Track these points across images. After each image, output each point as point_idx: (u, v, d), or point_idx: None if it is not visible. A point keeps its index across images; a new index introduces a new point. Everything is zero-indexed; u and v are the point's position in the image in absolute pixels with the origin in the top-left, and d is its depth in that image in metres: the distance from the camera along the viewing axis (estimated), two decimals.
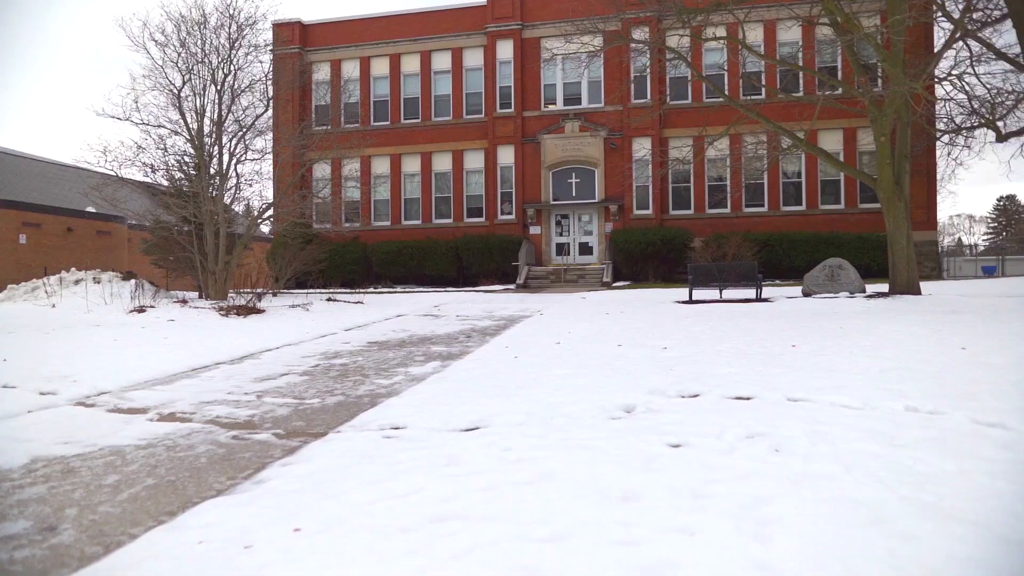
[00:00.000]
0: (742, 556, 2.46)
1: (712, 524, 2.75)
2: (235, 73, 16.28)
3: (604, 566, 2.44)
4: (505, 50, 29.29)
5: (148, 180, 17.47)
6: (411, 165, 30.40)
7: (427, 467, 3.72)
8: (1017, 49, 17.72)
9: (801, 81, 27.18)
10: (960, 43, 17.70)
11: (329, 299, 16.47)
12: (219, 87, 16.51)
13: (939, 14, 17.13)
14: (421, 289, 26.35)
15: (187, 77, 16.92)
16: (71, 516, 3.35)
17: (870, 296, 12.97)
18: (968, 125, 20.64)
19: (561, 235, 29.23)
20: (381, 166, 30.48)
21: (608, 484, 3.27)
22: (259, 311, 13.24)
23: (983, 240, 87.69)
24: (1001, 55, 17.07)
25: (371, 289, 26.43)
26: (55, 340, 9.78)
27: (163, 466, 4.13)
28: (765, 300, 13.38)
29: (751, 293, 14.53)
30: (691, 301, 13.79)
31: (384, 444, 4.31)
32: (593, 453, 3.79)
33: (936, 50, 16.35)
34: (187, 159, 18.05)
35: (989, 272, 44.51)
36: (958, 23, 13.07)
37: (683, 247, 25.97)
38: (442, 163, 30.12)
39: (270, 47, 25.79)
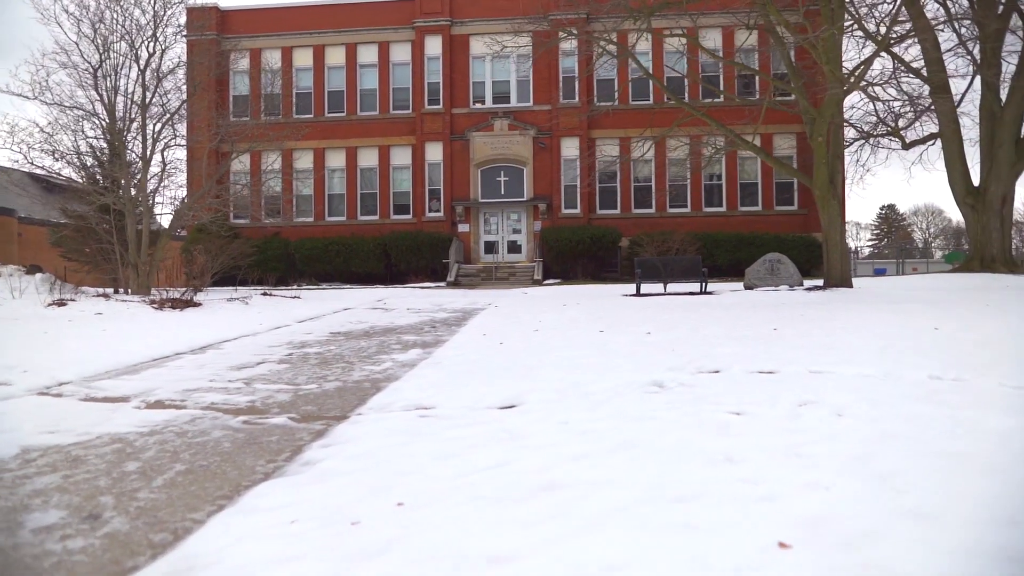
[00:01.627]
0: (893, 506, 2.42)
1: (836, 480, 2.71)
2: (162, 53, 15.24)
3: (761, 518, 2.35)
4: (434, 46, 28.95)
5: (53, 169, 16.09)
6: (336, 160, 29.53)
7: (493, 441, 3.52)
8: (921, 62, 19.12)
9: (721, 84, 28.25)
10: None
11: (265, 294, 15.70)
12: (142, 67, 15.42)
13: (857, 30, 18.23)
14: (348, 286, 25.58)
15: (104, 55, 15.72)
16: (109, 504, 2.94)
17: (809, 289, 13.62)
18: (876, 133, 22.08)
19: (490, 233, 29.16)
20: (304, 160, 29.43)
21: (701, 448, 3.18)
22: (196, 304, 12.43)
23: (867, 245, 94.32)
24: (911, 69, 18.36)
25: (295, 286, 25.42)
26: None
27: (184, 452, 3.72)
28: (709, 293, 13.78)
29: (694, 287, 14.94)
30: (639, 294, 14.02)
31: (424, 423, 4.06)
32: (659, 423, 3.70)
33: (858, 61, 17.30)
34: (102, 143, 16.81)
35: (880, 273, 47.91)
36: (881, 42, 13.95)
37: (612, 245, 26.48)
38: (368, 159, 29.43)
39: (183, 32, 24.47)
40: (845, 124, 19.28)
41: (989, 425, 3.40)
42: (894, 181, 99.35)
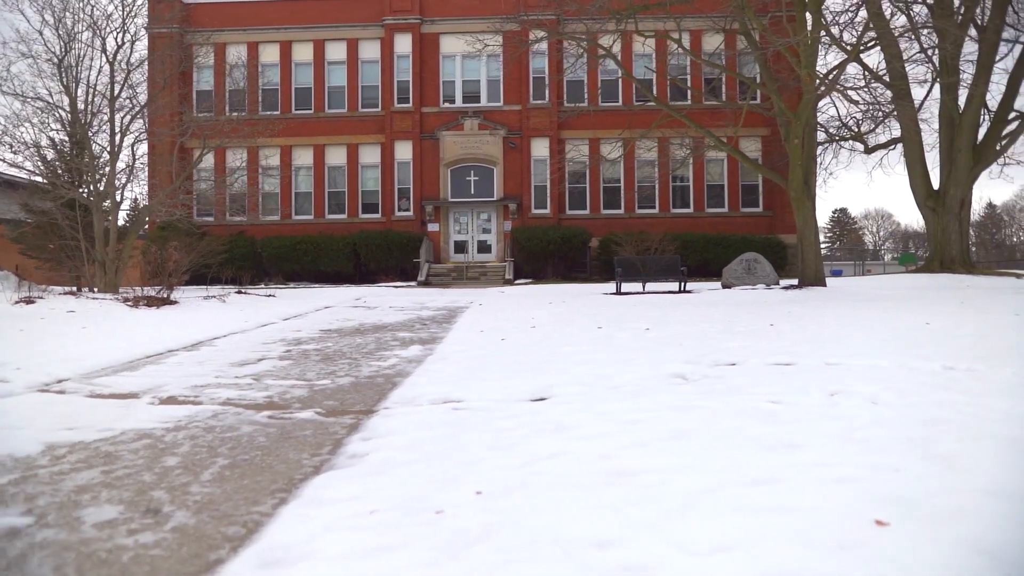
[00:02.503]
0: (968, 486, 2.49)
1: (901, 461, 2.77)
2: (131, 44, 14.80)
3: (846, 498, 2.39)
4: (403, 44, 28.73)
5: (15, 162, 15.48)
6: (303, 158, 29.07)
7: (542, 432, 3.51)
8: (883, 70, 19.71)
9: (689, 88, 28.66)
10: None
11: (239, 292, 15.35)
12: (111, 58, 14.94)
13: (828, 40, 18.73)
14: (318, 286, 25.18)
15: (69, 45, 15.19)
16: (163, 499, 2.84)
17: (786, 288, 13.93)
18: (839, 137, 22.71)
19: (460, 233, 29.06)
20: (270, 157, 28.84)
21: (755, 435, 3.23)
22: (172, 302, 12.09)
23: (822, 247, 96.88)
24: (876, 76, 18.92)
25: (263, 285, 24.92)
26: None
27: (220, 446, 3.61)
28: (688, 292, 13.98)
29: (672, 286, 15.14)
30: (620, 292, 14.15)
31: (461, 416, 4.03)
32: (702, 412, 3.74)
33: (824, 67, 17.74)
34: (63, 136, 16.25)
35: (837, 274, 49.30)
36: (852, 52, 14.38)
37: (582, 246, 26.66)
38: (336, 157, 29.05)
39: (145, 25, 23.83)
40: (819, 127, 19.78)
41: (1019, 411, 3.52)
42: (845, 185, 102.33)
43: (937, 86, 19.67)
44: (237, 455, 3.45)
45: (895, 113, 19.88)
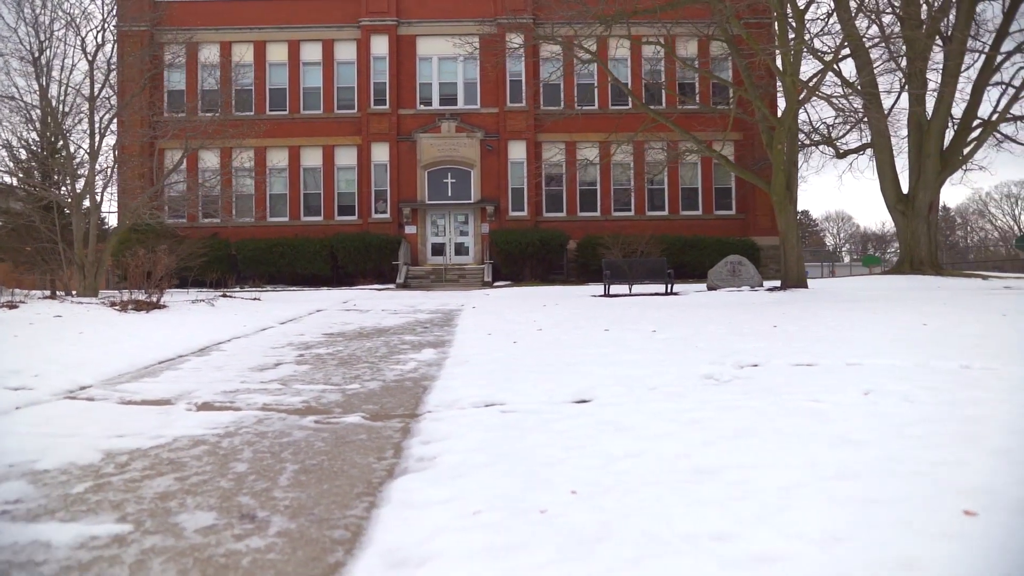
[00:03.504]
0: None
1: (965, 455, 2.93)
2: (115, 42, 14.50)
3: (929, 490, 2.53)
4: (380, 45, 28.61)
5: None
6: (278, 159, 28.73)
7: (605, 432, 3.60)
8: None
9: (663, 93, 29.06)
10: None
11: (224, 295, 15.14)
12: (91, 56, 14.62)
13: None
14: (295, 288, 24.91)
15: (47, 43, 14.84)
16: (253, 505, 2.86)
17: (771, 289, 14.26)
18: (812, 142, 23.30)
19: (437, 235, 29.04)
20: (244, 159, 28.42)
21: (816, 433, 3.36)
22: (161, 306, 11.88)
23: None
24: (848, 84, 19.46)
25: (238, 288, 24.54)
26: None
27: (282, 452, 3.62)
28: (675, 294, 14.22)
29: (659, 288, 15.38)
30: (608, 295, 14.32)
31: (513, 419, 4.09)
32: (749, 412, 3.87)
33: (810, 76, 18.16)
34: (35, 135, 15.87)
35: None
36: (829, 63, 14.82)
37: (560, 248, 26.86)
38: (312, 158, 28.79)
39: (114, 23, 23.30)
40: (800, 133, 20.27)
41: None
42: (808, 189, 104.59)
43: (906, 94, 20.31)
44: (304, 460, 3.47)
45: (865, 120, 20.47)
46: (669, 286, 14.69)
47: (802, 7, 13.64)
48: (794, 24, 13.66)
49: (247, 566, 2.29)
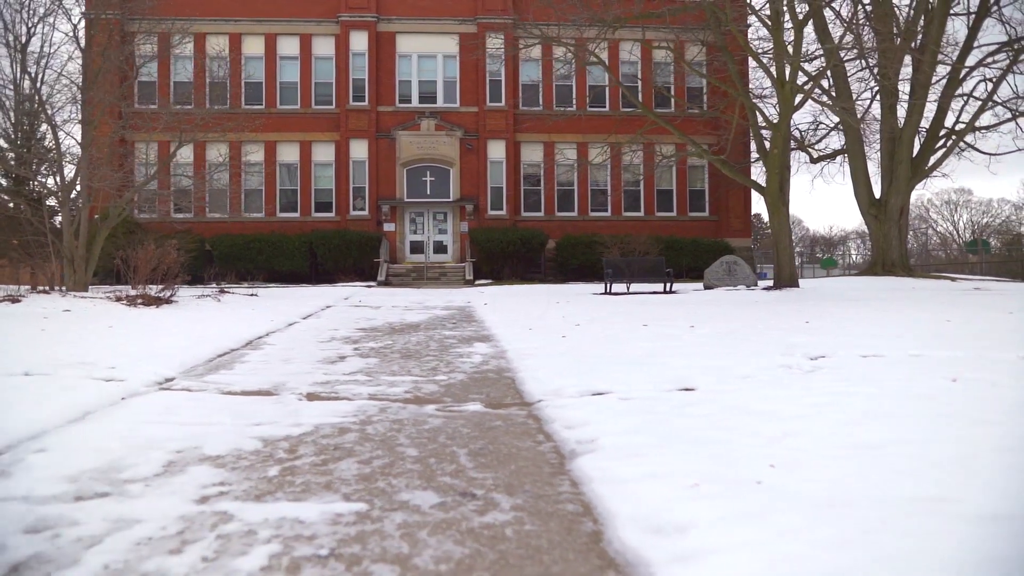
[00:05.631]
0: None
1: None
2: (111, 31, 14.12)
3: None
4: (359, 41, 28.39)
5: None
6: (253, 154, 28.23)
7: (743, 414, 3.80)
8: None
9: (639, 96, 29.57)
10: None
11: (222, 291, 14.91)
12: (82, 45, 14.22)
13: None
14: (273, 285, 24.52)
15: (33, 30, 14.38)
16: (460, 484, 2.97)
17: (766, 288, 14.77)
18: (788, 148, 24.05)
19: (416, 233, 28.98)
20: (218, 153, 27.87)
21: (943, 413, 3.65)
22: (170, 301, 11.67)
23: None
24: (826, 93, 20.22)
25: (214, 284, 24.04)
26: None
27: (438, 436, 3.73)
28: (674, 292, 14.60)
29: (656, 287, 15.75)
30: (610, 292, 14.62)
31: (637, 405, 4.22)
32: (865, 397, 4.13)
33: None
34: (8, 126, 15.35)
35: (763, 277, 52.11)
36: (817, 76, 15.46)
37: (539, 247, 27.11)
38: (289, 154, 28.40)
39: (84, 11, 22.61)
40: (792, 139, 20.93)
41: None
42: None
43: (878, 103, 21.22)
44: (467, 445, 3.59)
45: (840, 127, 21.31)
46: (669, 285, 15.09)
47: (801, 18, 14.21)
48: (792, 37, 14.21)
49: (512, 536, 2.42)
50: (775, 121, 14.94)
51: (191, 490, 2.88)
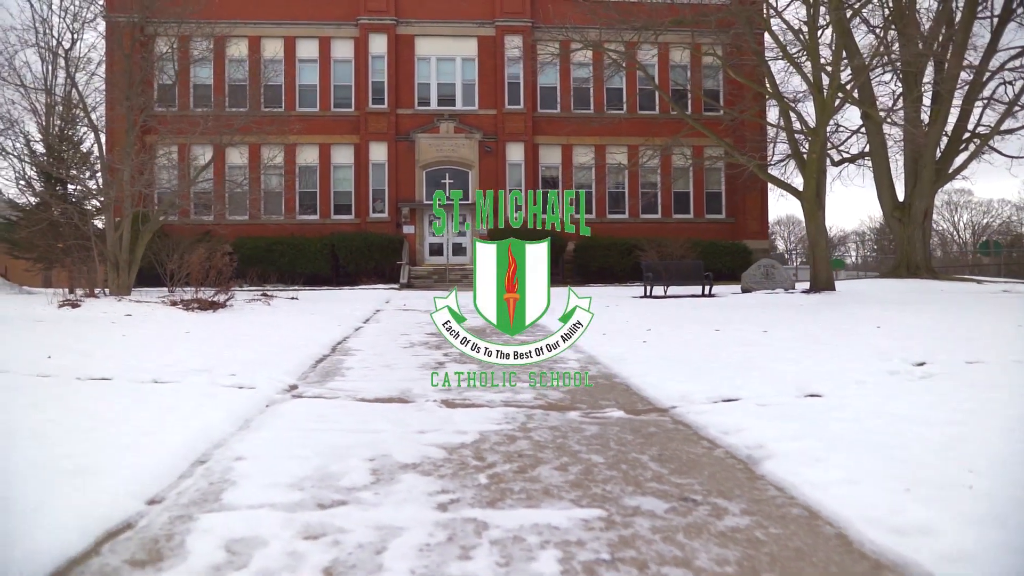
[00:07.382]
0: None
1: None
2: (167, 40, 14.21)
3: None
4: (379, 44, 28.49)
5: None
6: (273, 156, 28.25)
7: (899, 423, 3.94)
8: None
9: (656, 100, 29.69)
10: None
11: (264, 294, 15.01)
12: (127, 50, 14.30)
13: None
14: (295, 288, 24.59)
15: (77, 35, 14.47)
16: (669, 490, 3.10)
17: (805, 292, 14.92)
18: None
19: (435, 235, 29.07)
20: (238, 156, 27.94)
21: None
22: (225, 306, 11.77)
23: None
24: (851, 98, 20.36)
25: (236, 287, 24.11)
26: (35, 336, 7.99)
27: (609, 442, 3.86)
28: (713, 296, 14.75)
29: (694, 290, 15.88)
30: (650, 295, 14.76)
31: (778, 411, 4.37)
32: (1002, 404, 4.28)
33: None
34: (39, 135, 15.45)
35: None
36: (854, 83, 15.65)
37: (560, 250, 27.21)
38: (308, 156, 28.48)
39: (103, 13, 22.66)
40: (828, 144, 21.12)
41: None
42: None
43: (902, 108, 21.39)
44: (644, 450, 3.72)
45: (863, 130, 21.50)
46: (708, 288, 15.25)
47: (832, 31, 14.40)
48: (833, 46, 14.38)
49: (766, 539, 2.55)
50: (812, 126, 15.12)
51: (422, 497, 3.00)
